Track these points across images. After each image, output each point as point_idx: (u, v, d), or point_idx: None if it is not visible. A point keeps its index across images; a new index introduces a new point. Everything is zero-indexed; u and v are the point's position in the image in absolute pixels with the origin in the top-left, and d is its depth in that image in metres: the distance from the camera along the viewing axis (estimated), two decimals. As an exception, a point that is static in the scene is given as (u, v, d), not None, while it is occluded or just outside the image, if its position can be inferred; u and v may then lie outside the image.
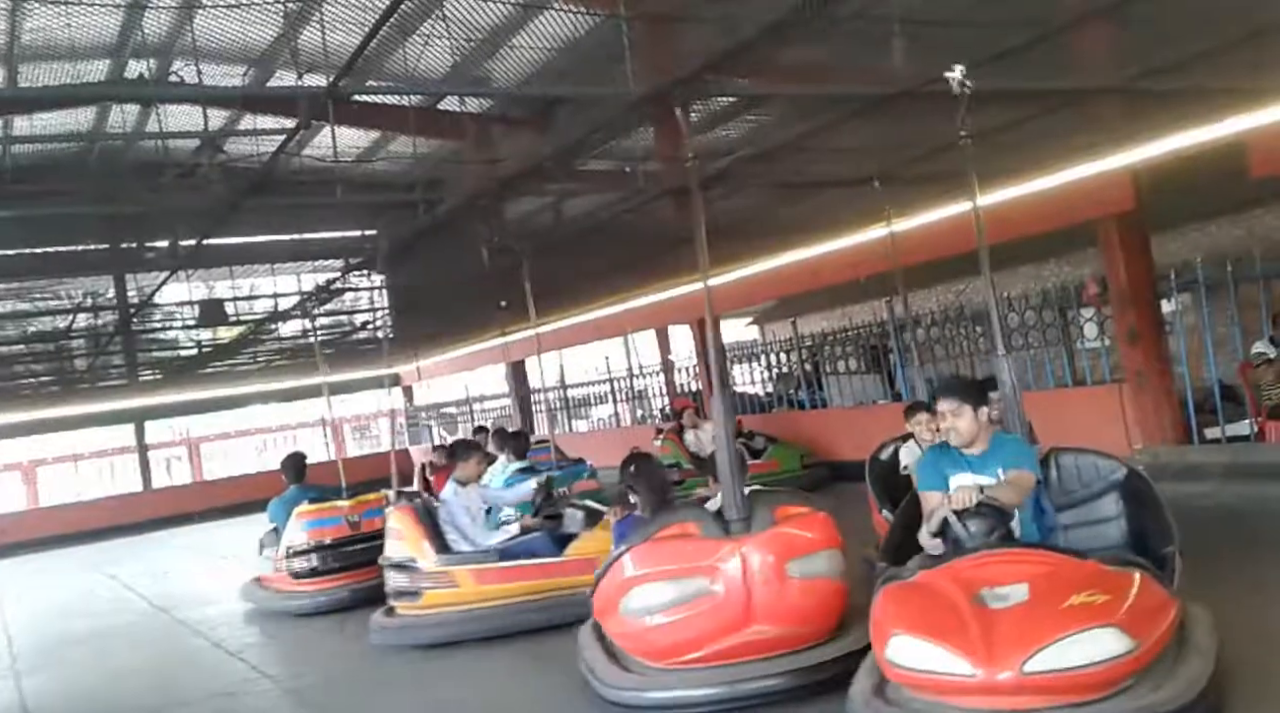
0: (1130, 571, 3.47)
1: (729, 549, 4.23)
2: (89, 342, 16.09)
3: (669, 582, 4.23)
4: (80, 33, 8.97)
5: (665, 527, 4.46)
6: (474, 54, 8.55)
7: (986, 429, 4.06)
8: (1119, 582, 3.38)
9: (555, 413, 20.16)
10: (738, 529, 4.33)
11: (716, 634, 4.22)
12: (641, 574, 4.30)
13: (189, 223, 10.47)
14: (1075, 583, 3.35)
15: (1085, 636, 3.11)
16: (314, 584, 7.99)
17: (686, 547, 4.31)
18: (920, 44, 5.78)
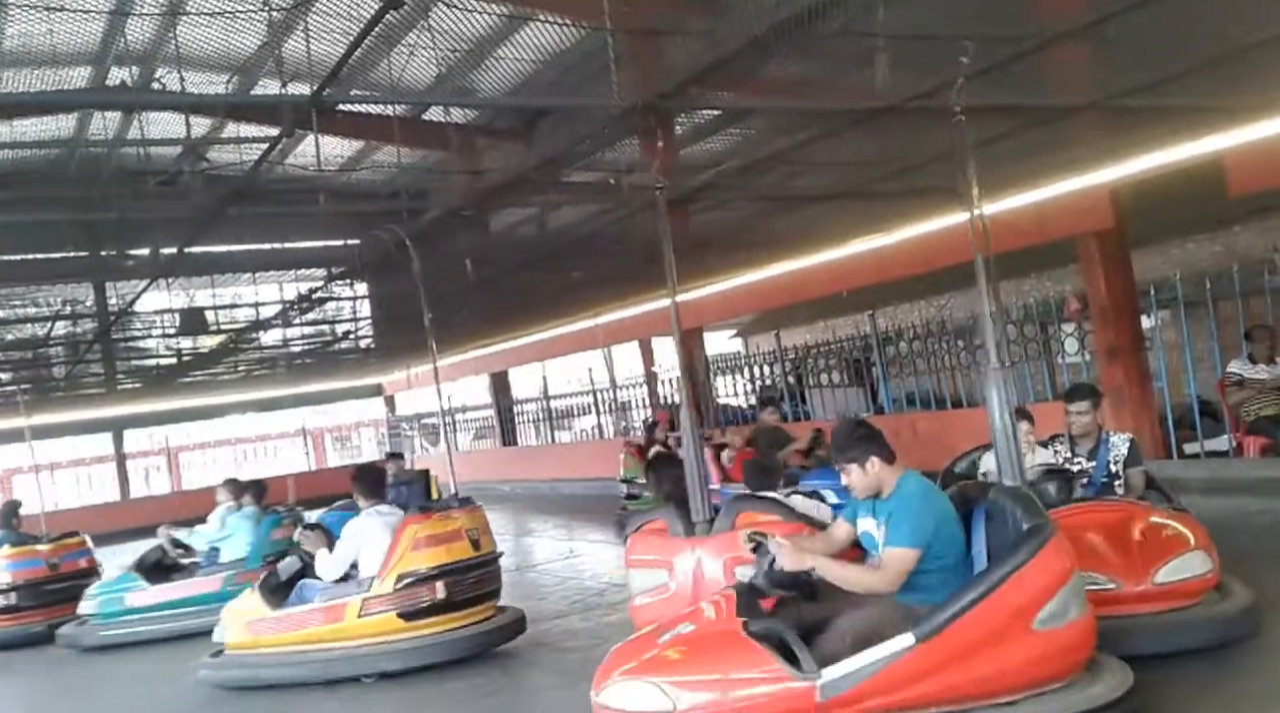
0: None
1: (684, 547, 4.59)
2: (68, 350, 15.93)
3: (645, 570, 4.75)
4: (62, 39, 8.90)
5: (649, 521, 4.88)
6: (459, 65, 8.54)
7: (892, 474, 3.77)
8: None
9: (538, 424, 20.13)
10: (700, 530, 4.63)
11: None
12: (633, 560, 4.87)
13: (170, 231, 10.40)
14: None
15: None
16: (13, 620, 8.90)
17: (658, 542, 4.72)
18: (902, 60, 5.82)
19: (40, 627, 8.83)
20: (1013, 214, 9.54)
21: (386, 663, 5.86)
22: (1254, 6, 5.75)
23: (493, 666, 5.95)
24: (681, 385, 15.28)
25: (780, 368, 14.23)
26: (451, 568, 5.99)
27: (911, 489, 3.73)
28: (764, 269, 12.67)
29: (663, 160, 4.76)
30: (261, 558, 8.14)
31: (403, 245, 7.81)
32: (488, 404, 22.58)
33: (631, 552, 4.78)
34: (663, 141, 6.20)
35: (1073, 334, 10.76)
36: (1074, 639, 3.42)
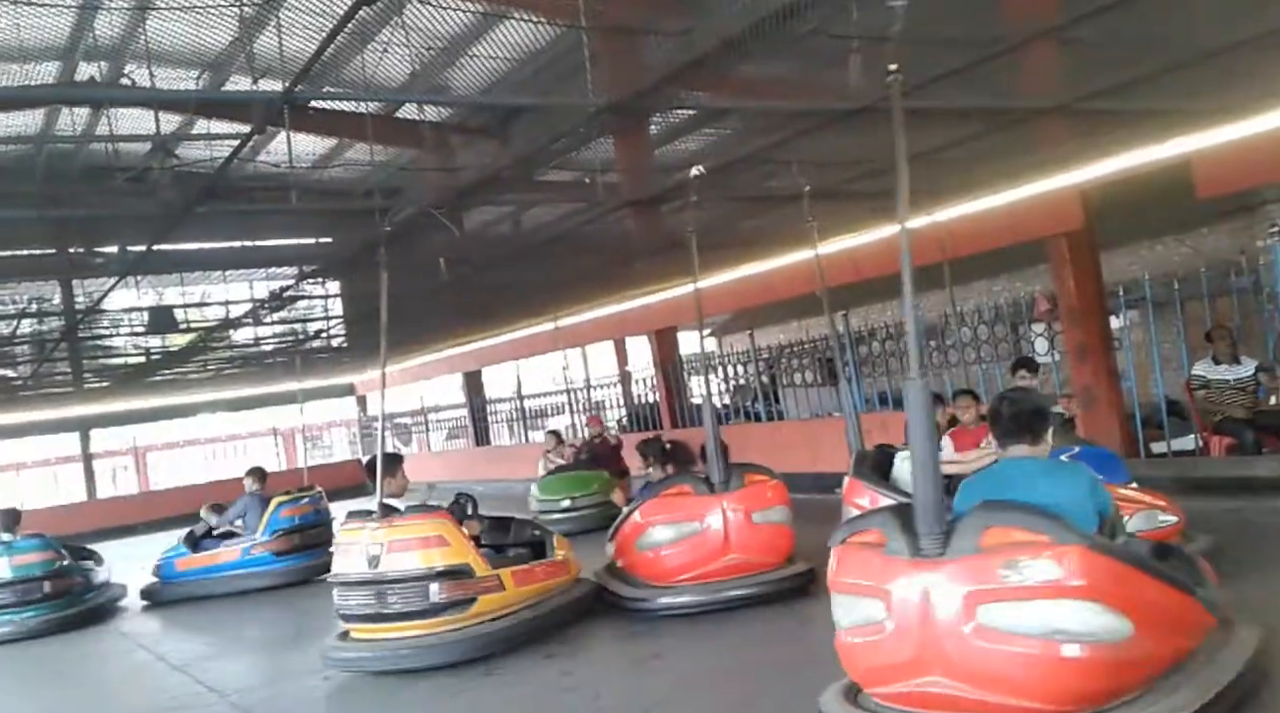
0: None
1: (715, 502, 6.38)
2: (34, 348, 15.70)
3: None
4: (30, 34, 8.77)
5: (669, 488, 6.63)
6: (433, 62, 8.50)
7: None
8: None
9: (512, 423, 20.08)
10: (720, 489, 6.46)
11: (705, 560, 6.39)
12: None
13: (139, 228, 10.27)
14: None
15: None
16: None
17: (686, 501, 6.46)
18: (876, 61, 5.84)
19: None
20: (983, 215, 9.62)
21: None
22: (1221, 11, 5.83)
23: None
24: (658, 383, 15.27)
25: (754, 367, 14.27)
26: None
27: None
28: (738, 269, 12.70)
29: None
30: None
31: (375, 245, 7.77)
32: (462, 404, 22.49)
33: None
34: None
35: (1042, 334, 10.87)
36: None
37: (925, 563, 3.32)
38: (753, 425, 13.85)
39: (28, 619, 9.05)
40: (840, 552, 3.68)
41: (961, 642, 3.19)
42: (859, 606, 3.49)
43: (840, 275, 11.93)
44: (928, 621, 3.26)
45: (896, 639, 3.34)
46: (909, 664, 3.32)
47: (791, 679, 4.76)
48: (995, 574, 3.17)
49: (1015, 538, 3.20)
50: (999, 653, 3.15)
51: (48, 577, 9.24)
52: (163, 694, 6.28)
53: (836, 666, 3.75)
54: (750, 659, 5.37)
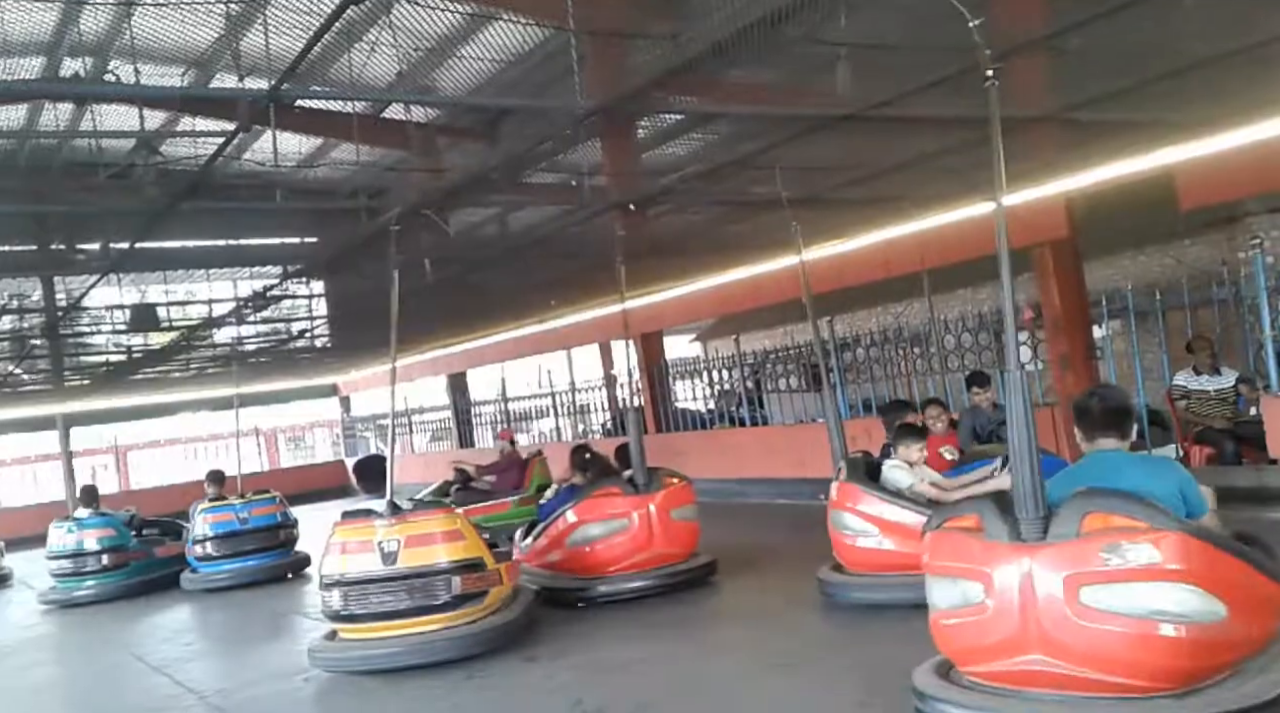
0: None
1: (641, 501, 7.18)
2: (13, 345, 15.56)
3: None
4: (13, 29, 8.71)
5: (600, 490, 7.30)
6: (421, 63, 8.48)
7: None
8: None
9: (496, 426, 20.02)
10: (644, 490, 7.25)
11: (633, 553, 7.12)
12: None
13: (122, 225, 10.21)
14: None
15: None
16: None
17: (615, 501, 7.18)
18: (863, 69, 5.86)
19: None
20: (968, 223, 9.66)
21: None
22: (1205, 23, 5.87)
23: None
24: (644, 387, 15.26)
25: (739, 373, 14.28)
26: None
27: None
28: (723, 274, 12.71)
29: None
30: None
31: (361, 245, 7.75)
32: (445, 405, 22.42)
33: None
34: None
35: (1025, 343, 10.92)
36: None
37: (1026, 547, 3.46)
38: (737, 431, 13.86)
39: (105, 584, 10.46)
40: (935, 537, 3.80)
41: (1063, 621, 3.34)
42: (957, 587, 3.63)
43: (825, 282, 11.97)
44: (1029, 601, 3.41)
45: (997, 619, 3.47)
46: (1009, 643, 3.46)
47: (783, 679, 4.77)
48: (1097, 558, 3.32)
49: (1114, 524, 3.35)
50: (1099, 632, 3.31)
51: (108, 550, 10.49)
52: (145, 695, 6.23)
53: (830, 672, 3.75)
54: (736, 660, 5.38)
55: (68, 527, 10.76)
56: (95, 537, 10.58)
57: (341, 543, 6.17)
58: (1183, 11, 5.55)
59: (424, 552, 5.99)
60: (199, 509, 10.59)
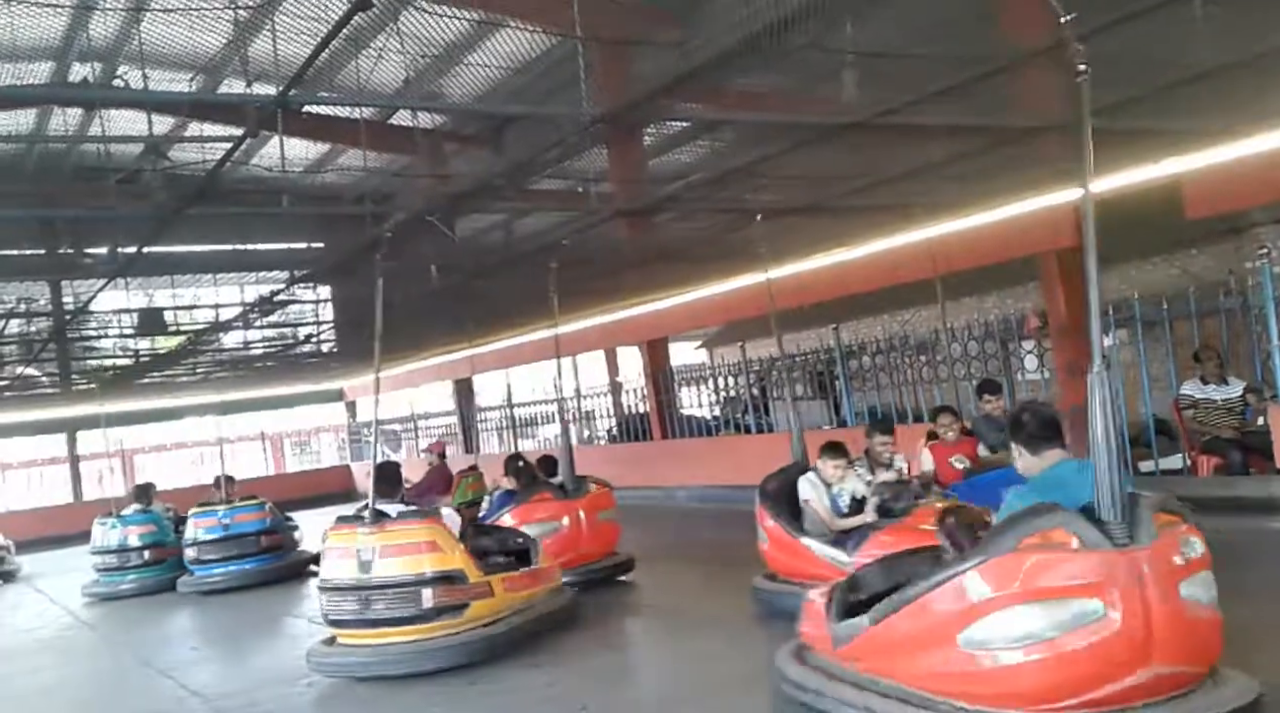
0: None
1: (571, 506, 7.89)
2: (21, 348, 15.61)
3: (539, 524, 6.99)
4: (23, 33, 8.76)
5: (534, 496, 7.98)
6: (428, 70, 8.51)
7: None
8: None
9: (502, 431, 20.04)
10: (573, 495, 8.00)
11: (565, 551, 7.59)
12: (523, 521, 6.73)
13: (129, 230, 10.24)
14: None
15: None
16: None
17: (549, 505, 7.86)
18: (870, 76, 5.87)
19: None
20: (975, 232, 9.65)
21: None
22: (1214, 33, 5.86)
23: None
24: (650, 394, 15.24)
25: (745, 380, 14.28)
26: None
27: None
28: (729, 281, 12.71)
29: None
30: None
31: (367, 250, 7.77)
32: (452, 411, 22.43)
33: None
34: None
35: (1032, 351, 10.89)
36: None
37: (1133, 551, 3.26)
38: (743, 437, 13.84)
39: (146, 579, 10.73)
40: (1015, 559, 3.33)
41: (1176, 620, 3.24)
42: (1066, 608, 3.25)
43: (830, 289, 11.96)
44: (1149, 608, 3.22)
45: (1125, 631, 3.21)
46: (1135, 657, 3.22)
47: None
48: (1179, 553, 3.35)
49: (1164, 520, 3.39)
50: (1201, 623, 3.32)
51: (150, 546, 10.86)
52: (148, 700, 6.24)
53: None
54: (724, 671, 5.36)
55: (111, 523, 11.04)
56: (138, 533, 10.94)
57: (329, 548, 6.19)
58: (1191, 21, 5.54)
59: (399, 562, 5.88)
60: (190, 514, 10.75)
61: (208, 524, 10.52)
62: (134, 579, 10.81)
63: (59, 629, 9.55)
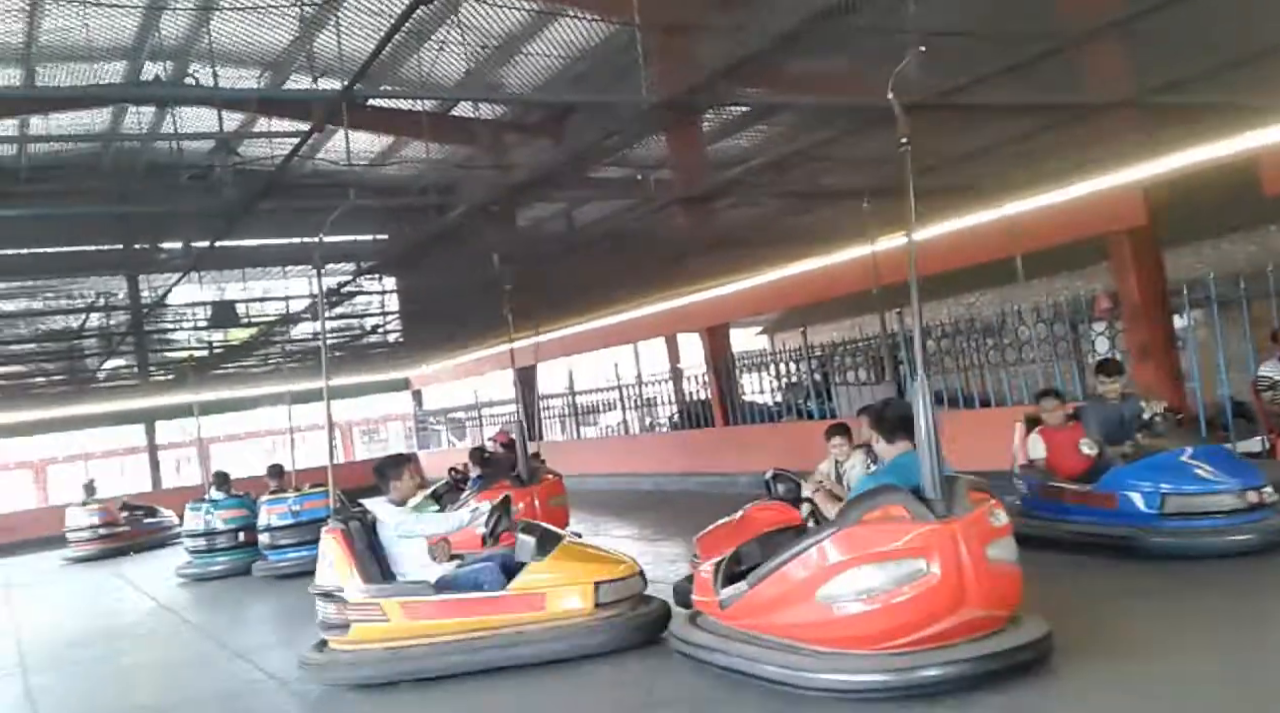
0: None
1: (527, 492, 8.94)
2: (101, 341, 16.15)
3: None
4: (98, 34, 9.02)
5: (496, 484, 8.86)
6: (488, 61, 8.58)
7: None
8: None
9: (564, 419, 20.20)
10: (530, 483, 9.16)
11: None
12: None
13: (202, 224, 10.52)
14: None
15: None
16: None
17: (507, 490, 8.02)
18: (933, 57, 5.78)
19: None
20: (1044, 211, 9.45)
21: None
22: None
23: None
24: (711, 381, 15.21)
25: (807, 365, 14.19)
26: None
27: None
28: (790, 266, 12.63)
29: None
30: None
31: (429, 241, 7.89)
32: (514, 399, 22.63)
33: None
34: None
35: (1103, 333, 10.66)
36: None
37: (951, 522, 4.04)
38: (805, 423, 13.76)
39: (235, 560, 11.20)
40: (850, 533, 4.16)
41: (984, 574, 4.03)
42: (899, 566, 4.02)
43: (894, 273, 11.80)
44: (962, 564, 4.00)
45: (944, 583, 3.97)
46: (954, 601, 3.98)
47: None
48: (988, 522, 4.15)
49: (975, 497, 4.18)
50: (1004, 577, 4.13)
51: (242, 529, 11.36)
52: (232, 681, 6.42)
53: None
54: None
55: (204, 508, 11.58)
56: (227, 517, 11.49)
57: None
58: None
59: (322, 572, 5.77)
60: (261, 501, 11.18)
61: (279, 511, 10.85)
62: (223, 561, 11.33)
63: (140, 614, 9.87)
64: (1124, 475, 6.38)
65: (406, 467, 5.94)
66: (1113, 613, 5.14)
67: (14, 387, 17.99)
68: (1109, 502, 6.39)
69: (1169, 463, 6.27)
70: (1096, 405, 7.17)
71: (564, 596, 5.48)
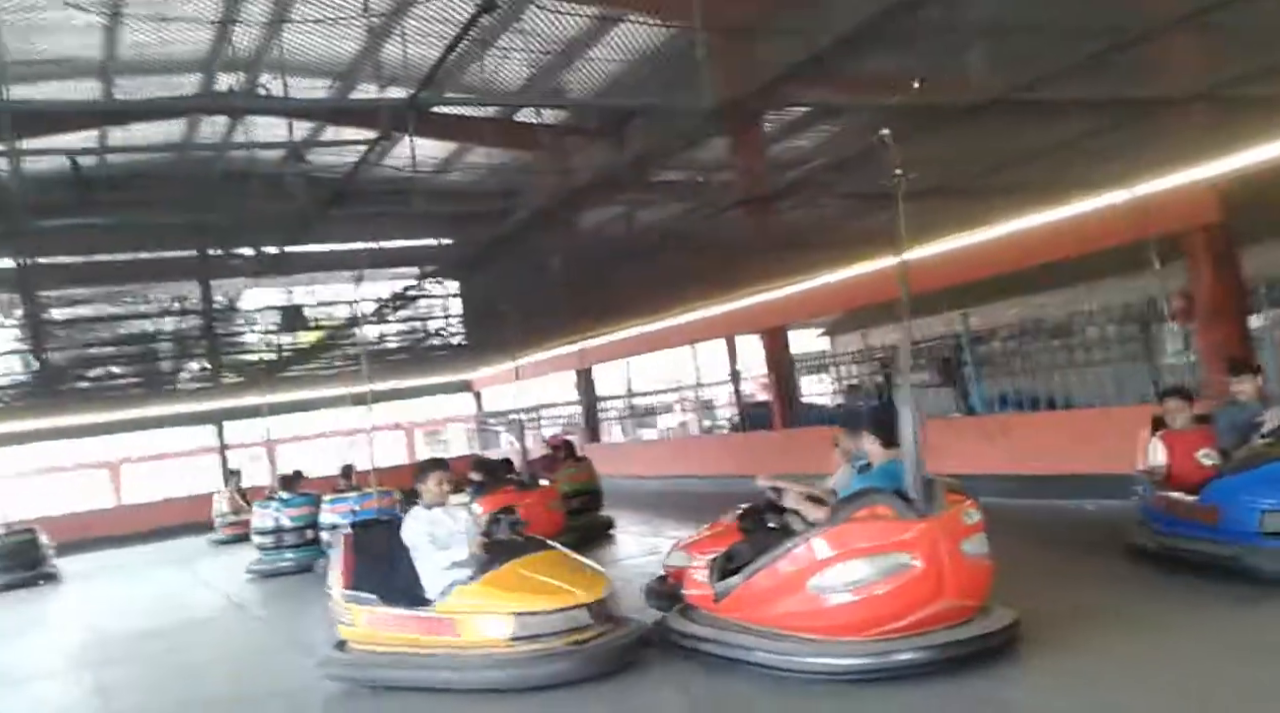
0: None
1: (526, 495, 9.67)
2: (176, 345, 16.61)
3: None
4: (173, 47, 9.30)
5: (500, 489, 9.92)
6: (550, 66, 8.67)
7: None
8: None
9: (624, 421, 20.27)
10: (531, 488, 10.10)
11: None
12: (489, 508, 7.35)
13: (272, 231, 10.77)
14: None
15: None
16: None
17: (510, 495, 9.45)
18: (1001, 53, 5.72)
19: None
20: (1115, 209, 9.26)
21: None
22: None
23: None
24: (770, 382, 15.12)
25: (868, 367, 14.07)
26: None
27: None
28: (851, 267, 12.52)
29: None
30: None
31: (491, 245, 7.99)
32: (572, 401, 22.76)
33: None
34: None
35: (1176, 333, 10.41)
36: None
37: (930, 520, 4.44)
38: (867, 426, 13.64)
39: (302, 556, 11.48)
40: (843, 529, 4.55)
41: (960, 566, 4.44)
42: (885, 560, 4.41)
43: (960, 273, 11.66)
44: (941, 558, 4.39)
45: (925, 575, 4.37)
46: (933, 592, 4.37)
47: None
48: (963, 520, 4.55)
49: (951, 498, 4.59)
50: (977, 569, 4.54)
51: (307, 526, 11.74)
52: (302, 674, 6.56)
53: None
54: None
55: (273, 507, 12.02)
56: (294, 515, 11.90)
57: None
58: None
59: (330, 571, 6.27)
60: (324, 500, 11.58)
61: (341, 510, 11.09)
62: (291, 557, 11.68)
63: (211, 608, 10.12)
64: (1224, 488, 5.75)
65: (433, 474, 6.01)
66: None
67: (93, 389, 18.56)
68: (1210, 516, 5.75)
69: (1272, 475, 5.51)
70: (1230, 409, 6.40)
71: (479, 624, 5.25)
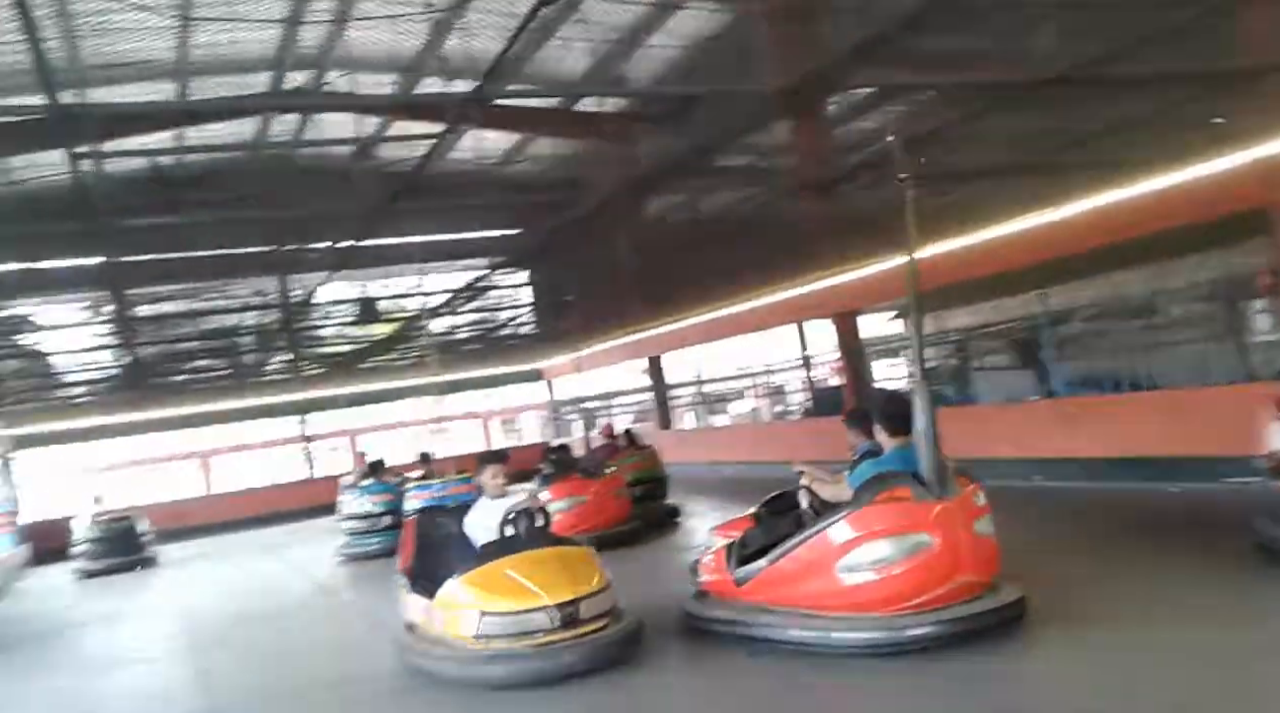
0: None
1: (591, 484, 9.56)
2: (257, 338, 17.06)
3: (570, 498, 8.82)
4: (243, 47, 9.51)
5: (566, 477, 9.70)
6: (611, 54, 8.67)
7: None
8: None
9: (696, 408, 20.23)
10: (595, 477, 9.75)
11: (591, 517, 9.16)
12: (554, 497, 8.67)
13: (345, 225, 10.96)
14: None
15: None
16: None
17: (577, 483, 9.53)
18: (1068, 27, 5.56)
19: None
20: (1197, 183, 8.93)
21: None
22: None
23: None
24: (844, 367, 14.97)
25: (943, 350, 13.81)
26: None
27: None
28: (924, 248, 12.28)
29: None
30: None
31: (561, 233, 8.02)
32: (642, 388, 22.79)
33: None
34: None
35: (1264, 311, 10.03)
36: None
37: (946, 501, 4.68)
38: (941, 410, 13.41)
39: (388, 541, 11.20)
40: (865, 513, 4.76)
41: (973, 545, 4.69)
42: (905, 540, 4.63)
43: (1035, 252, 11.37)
44: (956, 537, 4.63)
45: (943, 553, 4.62)
46: (950, 569, 4.60)
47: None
48: (974, 502, 4.79)
49: (961, 481, 4.80)
50: (988, 548, 4.76)
51: (389, 512, 12.00)
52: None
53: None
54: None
55: (359, 492, 12.43)
56: (378, 501, 12.29)
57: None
58: None
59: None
60: (408, 487, 11.87)
61: (424, 496, 11.35)
62: (378, 541, 11.99)
63: (302, 593, 10.37)
64: None
65: (489, 466, 6.31)
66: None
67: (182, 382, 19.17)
68: None
69: None
70: None
71: (450, 619, 5.39)
